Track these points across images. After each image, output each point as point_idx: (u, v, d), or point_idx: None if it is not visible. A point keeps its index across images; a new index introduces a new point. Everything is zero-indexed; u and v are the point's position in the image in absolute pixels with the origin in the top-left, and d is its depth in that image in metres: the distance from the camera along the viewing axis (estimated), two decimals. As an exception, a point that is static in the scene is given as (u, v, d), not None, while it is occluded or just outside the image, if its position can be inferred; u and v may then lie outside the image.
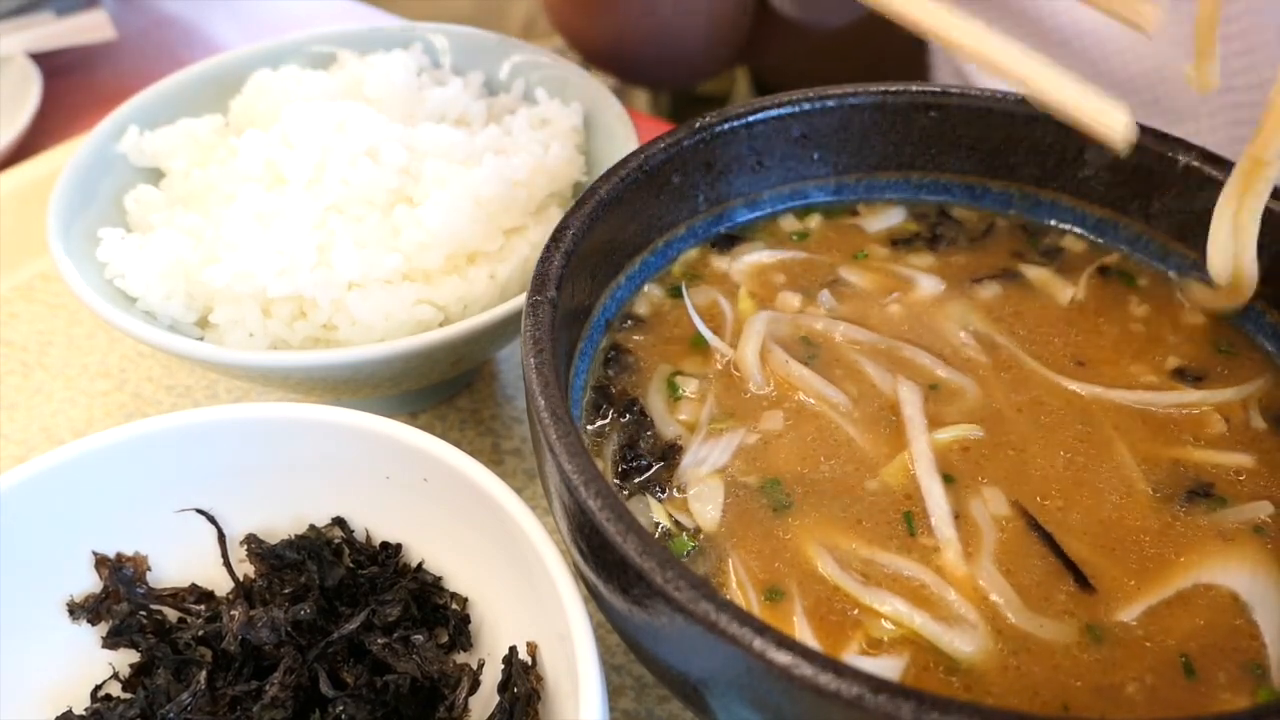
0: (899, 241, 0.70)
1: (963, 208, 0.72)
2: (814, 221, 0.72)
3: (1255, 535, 0.52)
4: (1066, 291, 0.66)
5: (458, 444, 0.62)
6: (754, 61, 1.57)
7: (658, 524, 0.54)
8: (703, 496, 0.55)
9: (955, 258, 0.69)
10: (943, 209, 0.72)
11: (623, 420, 0.59)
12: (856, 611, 0.49)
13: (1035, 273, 0.67)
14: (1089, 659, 0.48)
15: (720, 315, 0.65)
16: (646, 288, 0.67)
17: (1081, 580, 0.50)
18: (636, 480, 0.56)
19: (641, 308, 0.66)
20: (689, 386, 0.61)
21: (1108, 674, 0.47)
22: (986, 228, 0.71)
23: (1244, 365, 0.61)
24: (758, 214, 0.72)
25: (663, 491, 0.55)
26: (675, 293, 0.67)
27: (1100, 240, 0.69)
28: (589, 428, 0.59)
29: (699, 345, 0.63)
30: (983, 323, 0.64)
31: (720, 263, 0.69)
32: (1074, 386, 0.60)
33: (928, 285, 0.67)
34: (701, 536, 0.53)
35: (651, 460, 0.57)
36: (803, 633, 0.49)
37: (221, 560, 0.65)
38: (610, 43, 1.35)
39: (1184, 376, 0.61)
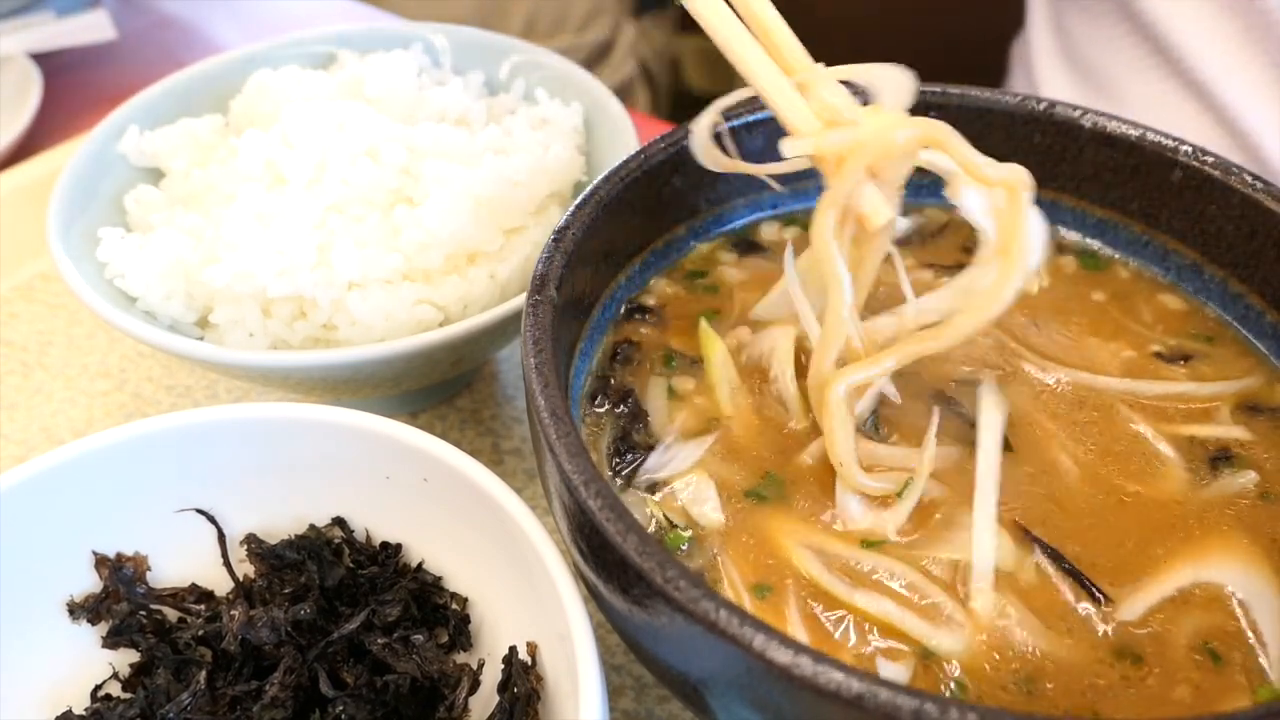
0: None
1: (936, 208, 0.73)
2: (795, 230, 0.72)
3: (1255, 532, 0.52)
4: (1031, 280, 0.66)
5: (458, 444, 0.62)
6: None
7: (651, 515, 0.54)
8: (695, 491, 0.54)
9: (914, 255, 0.69)
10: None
11: (617, 412, 0.59)
12: (850, 613, 0.49)
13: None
14: (1090, 657, 0.48)
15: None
16: (649, 285, 0.67)
17: (1089, 588, 0.50)
18: (625, 472, 0.56)
19: (641, 306, 0.66)
20: (687, 384, 0.60)
21: (1108, 672, 0.47)
22: (940, 226, 0.71)
23: (1236, 363, 0.61)
24: (758, 214, 0.72)
25: (655, 487, 0.55)
26: (681, 286, 0.67)
27: (1100, 241, 0.69)
28: (586, 417, 0.59)
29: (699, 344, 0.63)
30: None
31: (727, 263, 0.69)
32: (1054, 376, 0.60)
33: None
34: (695, 531, 0.53)
35: (645, 454, 0.57)
36: (795, 630, 0.49)
37: (221, 560, 0.65)
38: None
39: (1165, 359, 0.61)
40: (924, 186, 0.72)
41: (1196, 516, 0.53)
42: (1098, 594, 0.50)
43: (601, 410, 0.59)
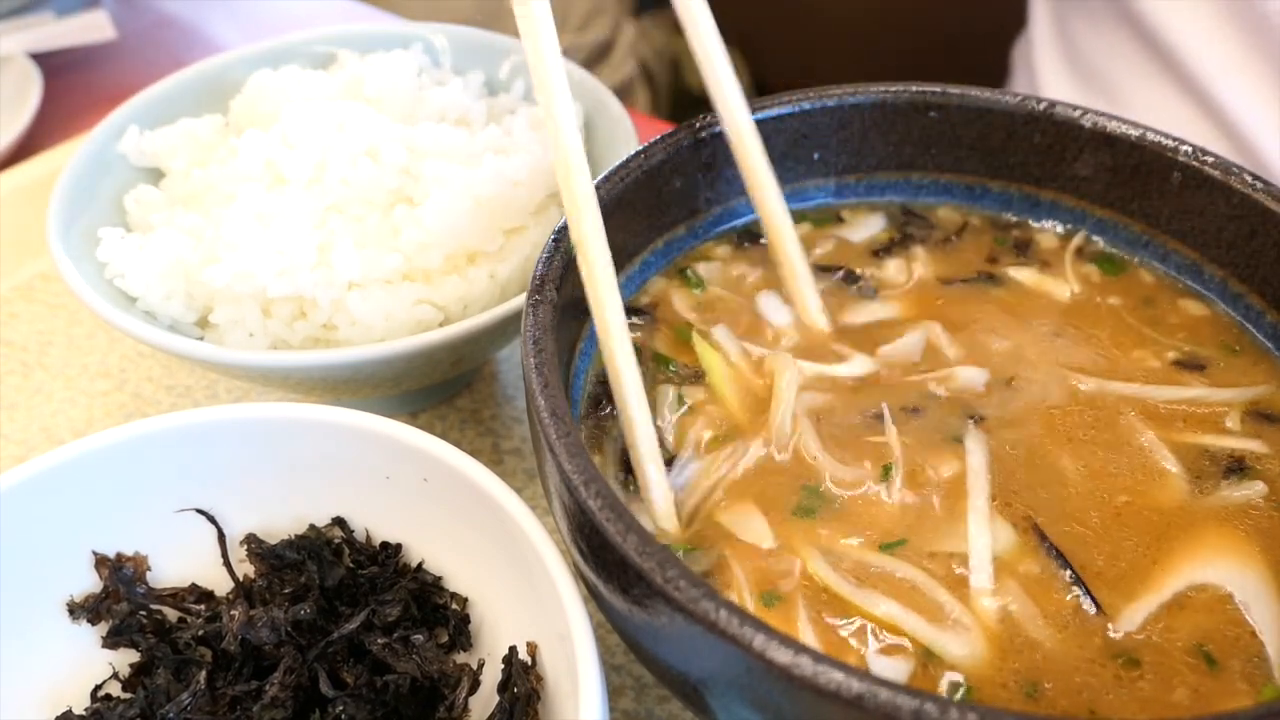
0: (879, 251, 0.70)
1: (948, 207, 0.72)
2: (804, 230, 0.71)
3: (1256, 530, 0.52)
4: (1062, 288, 0.66)
5: (458, 444, 0.62)
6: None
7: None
8: (738, 515, 0.54)
9: (932, 267, 0.68)
10: (906, 208, 0.72)
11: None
12: (856, 617, 0.49)
13: (1025, 274, 0.67)
14: (1089, 658, 0.48)
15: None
16: (646, 285, 0.67)
17: (1090, 594, 0.50)
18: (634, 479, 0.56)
19: (642, 307, 0.66)
20: (697, 394, 0.60)
21: (1106, 674, 0.47)
22: (959, 227, 0.71)
23: (1249, 369, 0.61)
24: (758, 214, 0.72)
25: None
26: (677, 287, 0.67)
27: (1099, 240, 0.69)
28: (588, 421, 0.59)
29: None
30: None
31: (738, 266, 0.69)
32: (1069, 382, 0.60)
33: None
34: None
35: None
36: (805, 635, 0.49)
37: (221, 560, 0.65)
38: None
39: (1186, 367, 0.61)
40: (924, 186, 0.72)
41: (1207, 525, 0.53)
42: (1095, 601, 0.50)
43: (605, 416, 0.59)
